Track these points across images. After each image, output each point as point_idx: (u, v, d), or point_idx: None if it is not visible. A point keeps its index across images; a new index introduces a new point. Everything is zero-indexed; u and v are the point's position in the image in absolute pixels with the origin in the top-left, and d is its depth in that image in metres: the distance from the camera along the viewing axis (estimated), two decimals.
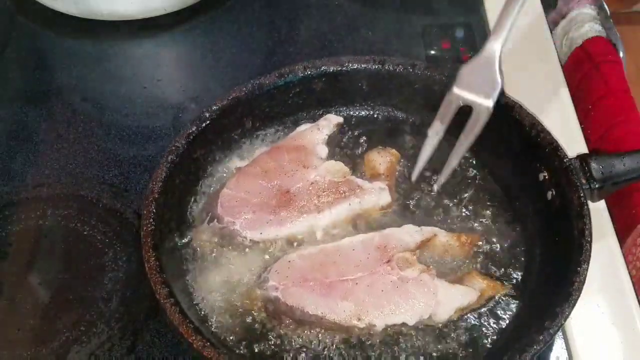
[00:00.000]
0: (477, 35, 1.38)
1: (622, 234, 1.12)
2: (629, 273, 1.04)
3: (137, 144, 1.24)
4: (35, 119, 1.28)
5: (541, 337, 0.80)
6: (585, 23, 1.44)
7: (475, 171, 1.05)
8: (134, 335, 0.97)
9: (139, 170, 1.18)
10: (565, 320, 0.81)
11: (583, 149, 1.18)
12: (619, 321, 0.98)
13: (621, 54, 1.39)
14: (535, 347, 0.79)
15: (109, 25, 1.41)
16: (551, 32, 1.42)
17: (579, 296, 0.82)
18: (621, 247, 1.07)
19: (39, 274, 1.05)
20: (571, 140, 1.17)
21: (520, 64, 1.32)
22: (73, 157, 1.21)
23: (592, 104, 1.32)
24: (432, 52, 1.36)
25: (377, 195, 1.00)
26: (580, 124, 1.23)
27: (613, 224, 1.08)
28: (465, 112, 0.95)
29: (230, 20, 1.46)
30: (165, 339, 0.96)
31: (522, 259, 0.95)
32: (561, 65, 1.35)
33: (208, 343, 0.80)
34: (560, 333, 0.96)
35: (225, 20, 1.46)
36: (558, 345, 0.96)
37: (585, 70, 1.37)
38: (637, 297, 1.01)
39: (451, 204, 1.01)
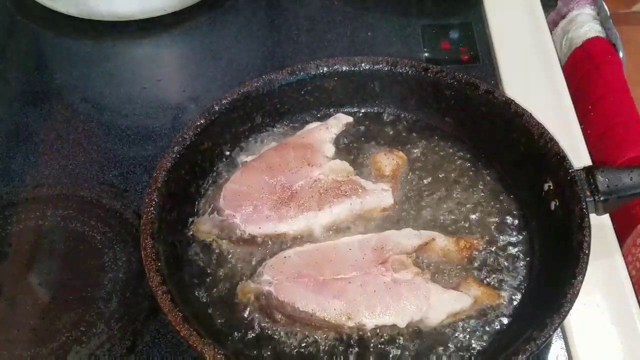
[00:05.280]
0: (477, 36, 1.38)
1: (622, 234, 1.12)
2: (629, 273, 1.04)
3: (137, 144, 1.24)
4: (35, 119, 1.28)
5: (528, 347, 0.79)
6: (585, 23, 1.44)
7: (480, 177, 1.05)
8: (134, 335, 0.97)
9: (139, 170, 1.18)
10: (554, 332, 0.81)
11: (583, 149, 1.18)
12: (619, 321, 0.98)
13: (621, 54, 1.39)
14: (520, 356, 0.79)
15: (108, 25, 1.42)
16: (551, 32, 1.42)
17: (570, 308, 0.82)
18: (621, 247, 1.07)
19: (39, 274, 1.05)
20: (571, 140, 1.18)
21: (520, 64, 1.32)
22: (73, 157, 1.21)
23: (592, 104, 1.32)
24: (432, 52, 1.37)
25: (379, 197, 1.00)
26: (580, 124, 1.23)
27: (613, 224, 1.08)
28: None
29: (230, 20, 1.46)
30: (165, 339, 0.96)
31: (521, 267, 0.95)
32: (561, 65, 1.36)
33: (195, 332, 0.80)
34: (559, 333, 0.96)
35: (225, 20, 1.46)
36: (558, 346, 0.96)
37: (585, 71, 1.37)
38: (637, 297, 1.01)
39: (454, 209, 1.01)
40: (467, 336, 0.88)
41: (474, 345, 0.88)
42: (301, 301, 0.88)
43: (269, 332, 0.89)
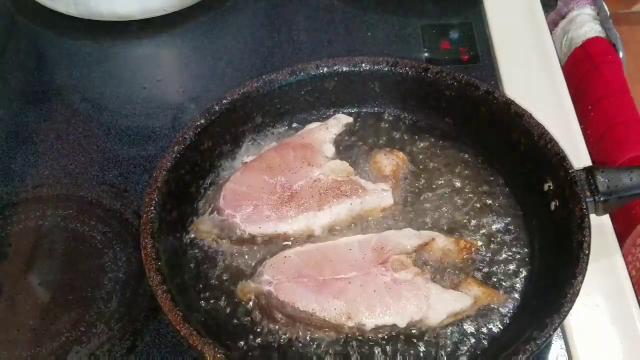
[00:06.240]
0: (477, 36, 1.38)
1: (622, 234, 1.12)
2: (629, 273, 1.04)
3: (137, 144, 1.24)
4: (35, 119, 1.28)
5: (528, 347, 0.79)
6: (585, 23, 1.44)
7: (479, 178, 1.04)
8: (134, 335, 0.97)
9: (139, 170, 1.18)
10: (554, 332, 0.81)
11: (583, 149, 1.18)
12: (619, 321, 0.98)
13: (621, 54, 1.39)
14: (520, 356, 0.79)
15: (108, 25, 1.41)
16: (551, 32, 1.42)
17: (570, 308, 0.82)
18: (621, 247, 1.07)
19: (39, 274, 1.05)
20: (571, 140, 1.18)
21: (520, 64, 1.32)
22: (73, 157, 1.21)
23: (591, 104, 1.32)
24: (432, 52, 1.37)
25: (379, 197, 1.00)
26: (580, 124, 1.23)
27: (613, 224, 1.08)
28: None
29: (230, 20, 1.46)
30: (165, 339, 0.96)
31: (521, 267, 0.95)
32: (561, 65, 1.36)
33: (195, 332, 0.80)
34: (559, 333, 0.96)
35: (225, 20, 1.46)
36: (557, 346, 0.96)
37: (585, 71, 1.37)
38: (637, 297, 1.01)
39: (454, 209, 1.01)
40: (467, 336, 0.88)
41: (474, 345, 0.88)
42: (301, 301, 0.88)
43: (269, 332, 0.89)
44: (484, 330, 0.89)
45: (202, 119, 1.01)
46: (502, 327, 0.89)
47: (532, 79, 1.30)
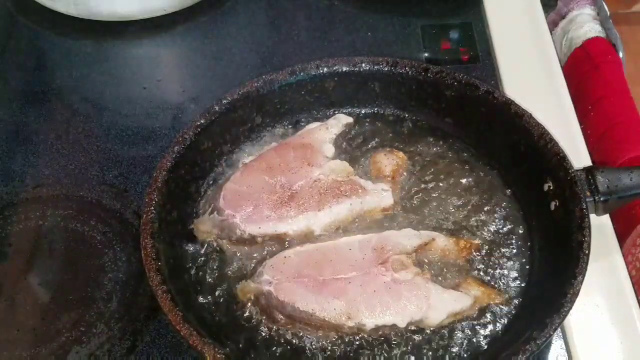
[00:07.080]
0: (477, 36, 1.38)
1: (622, 234, 1.12)
2: (629, 273, 1.04)
3: (137, 144, 1.24)
4: (35, 119, 1.28)
5: (528, 347, 0.79)
6: (585, 23, 1.44)
7: (480, 178, 1.05)
8: (134, 335, 0.97)
9: (139, 170, 1.18)
10: (554, 332, 0.81)
11: (583, 149, 1.18)
12: (619, 321, 0.98)
13: (621, 54, 1.39)
14: (520, 356, 0.79)
15: (108, 25, 1.42)
16: (551, 32, 1.42)
17: (570, 308, 0.82)
18: (621, 247, 1.07)
19: (39, 274, 1.05)
20: (571, 140, 1.18)
21: (520, 64, 1.33)
22: (73, 157, 1.21)
23: (591, 104, 1.32)
24: (432, 52, 1.37)
25: (379, 197, 1.00)
26: (580, 124, 1.23)
27: (613, 224, 1.08)
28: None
29: (230, 20, 1.46)
30: (165, 339, 0.96)
31: (521, 267, 0.95)
32: (561, 65, 1.36)
33: (195, 332, 0.80)
34: (559, 333, 0.97)
35: (225, 20, 1.46)
36: (557, 346, 0.96)
37: (585, 71, 1.37)
38: (637, 297, 1.01)
39: (454, 209, 1.01)
40: (467, 336, 0.89)
41: (474, 345, 0.88)
42: (301, 301, 0.88)
43: (269, 332, 0.89)
44: (484, 330, 0.89)
45: (202, 119, 1.01)
46: (502, 327, 0.89)
47: (532, 79, 1.30)
